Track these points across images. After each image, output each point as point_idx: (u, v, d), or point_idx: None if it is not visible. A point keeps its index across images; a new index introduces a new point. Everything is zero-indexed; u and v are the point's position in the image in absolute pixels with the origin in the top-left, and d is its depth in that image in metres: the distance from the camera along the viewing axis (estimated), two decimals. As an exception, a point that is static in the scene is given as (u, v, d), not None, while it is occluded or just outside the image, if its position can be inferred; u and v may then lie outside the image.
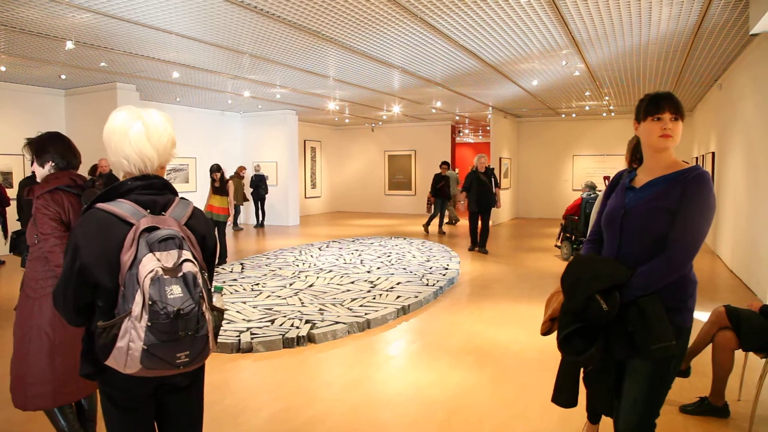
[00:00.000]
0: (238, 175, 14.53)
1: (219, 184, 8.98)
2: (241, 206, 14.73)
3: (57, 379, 2.77)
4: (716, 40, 7.52)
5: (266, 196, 15.22)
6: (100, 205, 1.70)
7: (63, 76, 10.06)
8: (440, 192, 13.40)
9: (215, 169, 9.08)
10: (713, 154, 10.93)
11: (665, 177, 2.14)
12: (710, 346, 3.65)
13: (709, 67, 9.40)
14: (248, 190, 15.28)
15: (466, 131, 24.09)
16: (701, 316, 5.83)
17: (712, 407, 3.57)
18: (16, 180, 10.75)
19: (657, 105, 2.15)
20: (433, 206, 13.80)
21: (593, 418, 3.09)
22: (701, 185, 2.05)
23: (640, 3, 6.03)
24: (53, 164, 2.90)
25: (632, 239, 2.16)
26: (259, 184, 15.02)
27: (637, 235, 2.15)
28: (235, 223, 14.72)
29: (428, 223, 13.66)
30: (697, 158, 13.80)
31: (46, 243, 2.72)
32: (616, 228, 2.21)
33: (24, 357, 2.77)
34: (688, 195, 2.05)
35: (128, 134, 1.76)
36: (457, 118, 18.35)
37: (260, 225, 15.33)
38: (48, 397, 2.77)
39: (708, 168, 11.45)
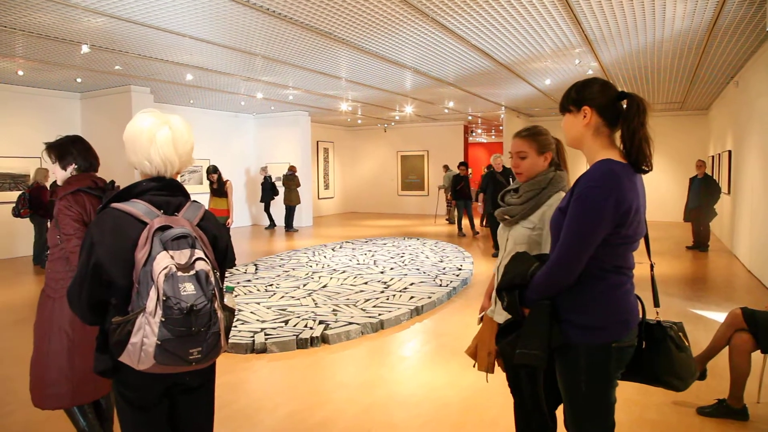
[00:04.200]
0: (293, 174, 14.58)
1: (217, 186, 8.92)
2: (295, 206, 14.80)
3: (76, 378, 2.80)
4: (732, 37, 7.43)
5: (276, 197, 15.31)
6: (115, 204, 1.75)
7: (78, 80, 10.19)
8: (460, 193, 13.29)
9: (212, 170, 9.00)
10: (729, 152, 10.80)
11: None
12: (727, 348, 3.60)
13: (725, 65, 9.28)
14: (252, 192, 15.34)
15: (479, 131, 24.02)
16: (717, 317, 5.77)
17: (730, 410, 3.52)
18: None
19: None
20: (455, 208, 13.71)
21: None
22: (580, 184, 1.84)
23: (654, 0, 5.97)
24: (75, 167, 2.94)
25: (552, 242, 1.99)
26: (273, 186, 15.10)
27: (552, 239, 1.99)
28: (290, 224, 14.81)
29: (459, 225, 13.60)
30: (713, 157, 13.65)
31: (68, 243, 2.74)
32: None
33: (44, 356, 2.80)
34: (572, 196, 1.85)
35: (156, 138, 1.80)
36: (470, 117, 18.30)
37: (273, 226, 15.41)
38: (67, 396, 2.80)
39: (725, 166, 11.33)
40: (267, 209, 15.29)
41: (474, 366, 2.62)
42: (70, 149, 2.94)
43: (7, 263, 10.14)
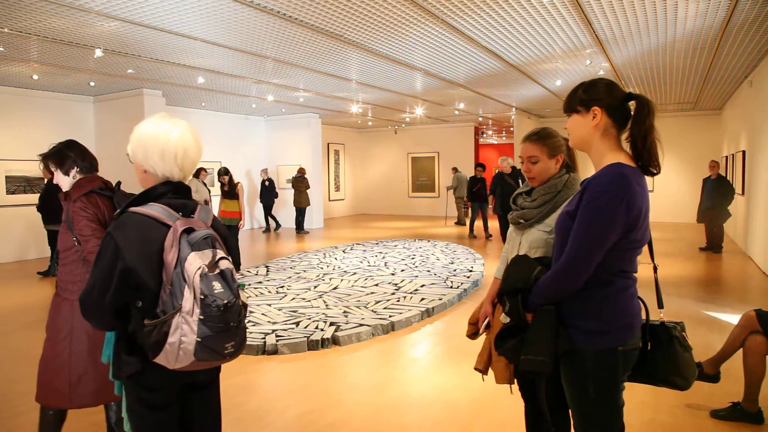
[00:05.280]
0: (302, 176, 14.63)
1: (228, 188, 8.91)
2: (305, 208, 14.83)
3: (99, 378, 2.82)
4: (746, 36, 7.35)
5: (276, 200, 15.24)
6: (134, 209, 1.77)
7: (92, 83, 10.29)
8: (477, 195, 13.20)
9: (223, 172, 8.97)
10: (743, 152, 10.69)
11: (585, 180, 1.92)
12: (741, 350, 3.56)
13: (738, 64, 9.20)
14: (252, 195, 15.27)
15: (490, 132, 23.96)
16: (731, 319, 5.71)
17: (745, 413, 3.48)
18: (48, 185, 11.03)
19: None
20: (470, 210, 13.65)
21: None
22: (591, 189, 1.80)
23: (666, 0, 5.93)
24: (77, 169, 2.95)
25: (557, 246, 1.95)
26: (272, 189, 14.99)
27: (557, 242, 1.95)
28: (300, 226, 14.84)
29: (471, 227, 13.52)
30: (726, 157, 13.52)
31: (87, 244, 2.75)
32: None
33: (66, 359, 2.81)
34: (582, 201, 1.82)
35: (171, 144, 1.84)
36: (481, 119, 18.26)
37: (277, 229, 15.41)
38: (91, 396, 2.83)
39: (739, 167, 11.22)
40: (269, 212, 15.20)
41: (483, 379, 2.60)
42: (67, 153, 2.95)
43: (22, 265, 10.25)
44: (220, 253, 1.76)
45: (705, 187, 10.70)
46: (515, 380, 2.51)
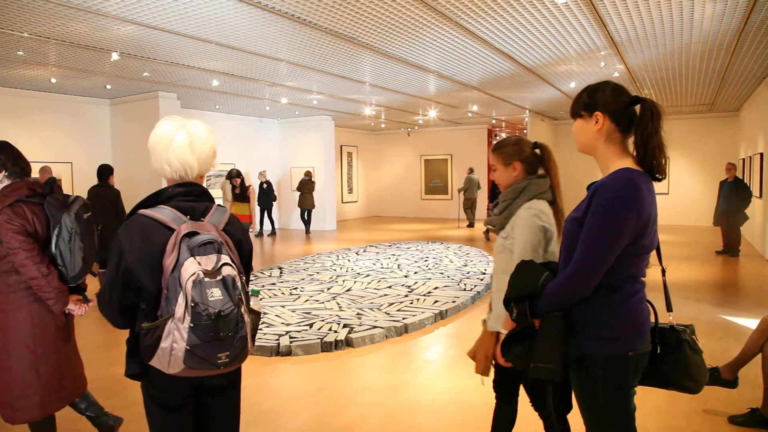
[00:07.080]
0: (310, 180, 14.59)
1: (239, 191, 8.73)
2: (311, 210, 14.81)
3: (43, 390, 2.76)
4: (764, 37, 7.26)
5: (274, 203, 14.99)
6: (142, 211, 1.78)
7: (108, 86, 10.40)
8: (498, 197, 13.04)
9: (234, 174, 8.77)
10: (761, 155, 10.55)
11: (592, 184, 1.89)
12: (760, 355, 3.52)
13: (756, 65, 9.08)
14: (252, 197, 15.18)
15: (503, 135, 23.88)
16: (749, 323, 5.64)
17: (764, 419, 3.44)
18: (65, 187, 11.14)
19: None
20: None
21: None
22: (600, 194, 1.79)
23: (682, 2, 5.88)
24: (6, 174, 2.78)
25: (564, 252, 1.93)
26: (270, 192, 14.71)
27: (564, 248, 1.92)
28: (307, 227, 14.88)
29: (488, 230, 13.47)
30: (743, 160, 13.35)
31: (16, 257, 2.63)
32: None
33: (6, 371, 2.73)
34: (591, 207, 1.80)
35: (172, 143, 1.83)
36: (494, 121, 18.20)
37: (273, 233, 14.95)
38: (36, 407, 2.76)
39: (756, 169, 11.08)
40: (269, 215, 14.79)
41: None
42: None
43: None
44: (225, 259, 1.72)
45: (721, 190, 10.58)
46: (491, 374, 2.58)
